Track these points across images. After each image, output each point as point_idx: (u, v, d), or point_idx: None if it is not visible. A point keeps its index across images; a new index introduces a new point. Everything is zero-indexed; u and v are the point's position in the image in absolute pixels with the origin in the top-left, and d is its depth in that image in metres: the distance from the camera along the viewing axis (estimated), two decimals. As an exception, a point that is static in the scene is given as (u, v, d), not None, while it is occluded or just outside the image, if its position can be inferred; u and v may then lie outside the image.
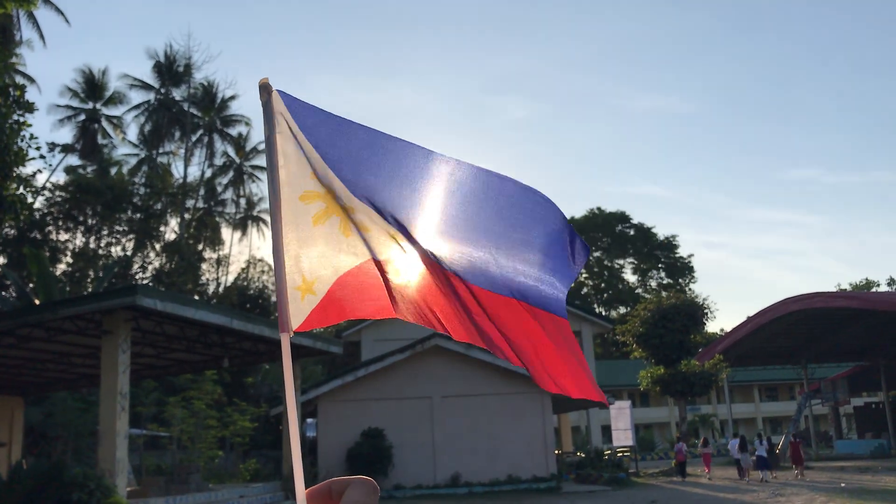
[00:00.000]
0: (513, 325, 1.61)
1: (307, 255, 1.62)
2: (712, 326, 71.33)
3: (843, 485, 23.69)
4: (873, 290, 70.71)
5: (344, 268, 1.64)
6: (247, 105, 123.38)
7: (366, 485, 0.91)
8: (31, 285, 31.43)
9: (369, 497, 0.90)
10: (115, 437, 16.05)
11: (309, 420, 33.26)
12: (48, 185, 44.29)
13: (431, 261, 1.60)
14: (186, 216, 52.72)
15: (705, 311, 35.42)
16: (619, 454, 34.92)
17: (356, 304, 1.65)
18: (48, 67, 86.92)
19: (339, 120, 1.65)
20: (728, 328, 58.22)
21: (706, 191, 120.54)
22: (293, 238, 1.62)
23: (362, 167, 1.61)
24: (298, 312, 1.61)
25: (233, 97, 58.26)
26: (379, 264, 1.64)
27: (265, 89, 1.65)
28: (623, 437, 34.85)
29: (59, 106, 50.31)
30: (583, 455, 35.52)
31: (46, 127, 69.65)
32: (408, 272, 1.65)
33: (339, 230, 1.65)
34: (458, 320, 1.63)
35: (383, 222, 1.62)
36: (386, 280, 1.64)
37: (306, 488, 1.06)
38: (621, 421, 34.88)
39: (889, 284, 75.02)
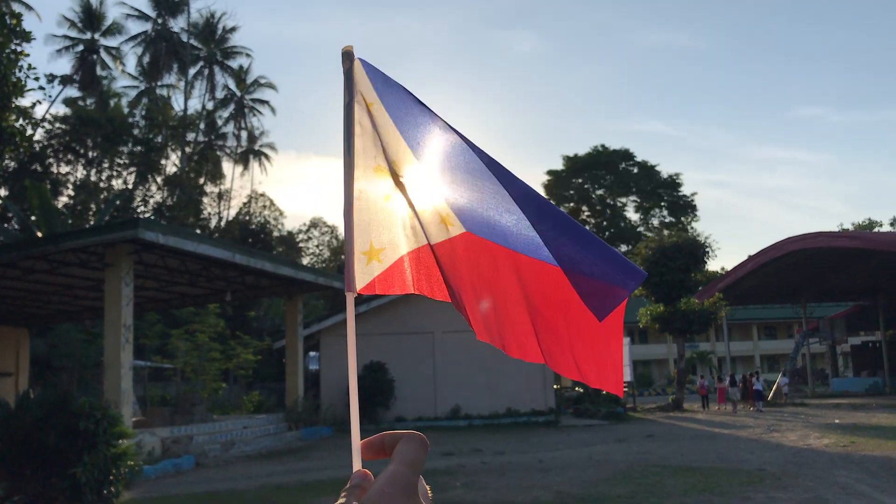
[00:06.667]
0: (549, 298, 1.57)
1: (377, 225, 1.65)
2: (713, 265, 71.52)
3: (836, 421, 24.06)
4: (875, 230, 70.71)
5: (408, 246, 1.67)
6: (247, 37, 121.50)
7: (417, 439, 0.94)
8: (32, 218, 31.42)
9: (420, 451, 0.92)
10: (120, 368, 16.27)
11: (311, 353, 33.65)
12: (48, 116, 43.91)
13: (478, 238, 1.61)
14: (187, 150, 52.37)
15: (706, 249, 35.40)
16: (616, 389, 35.31)
17: (423, 283, 1.67)
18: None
19: (413, 98, 1.66)
20: (729, 267, 58.40)
21: (712, 128, 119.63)
22: (365, 206, 1.65)
23: (426, 148, 1.64)
24: (362, 275, 1.64)
25: (233, 28, 57.29)
26: (433, 249, 1.65)
27: (348, 57, 1.67)
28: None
29: (56, 36, 49.52)
30: (581, 390, 36.02)
31: (44, 57, 68.82)
32: (454, 261, 1.64)
33: (406, 212, 1.67)
34: (488, 320, 1.62)
35: (440, 202, 1.63)
36: (441, 266, 1.65)
37: (310, 423, 1.07)
38: (620, 357, 35.15)
39: (892, 224, 75.04)
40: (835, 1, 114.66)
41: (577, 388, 37.53)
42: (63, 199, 43.35)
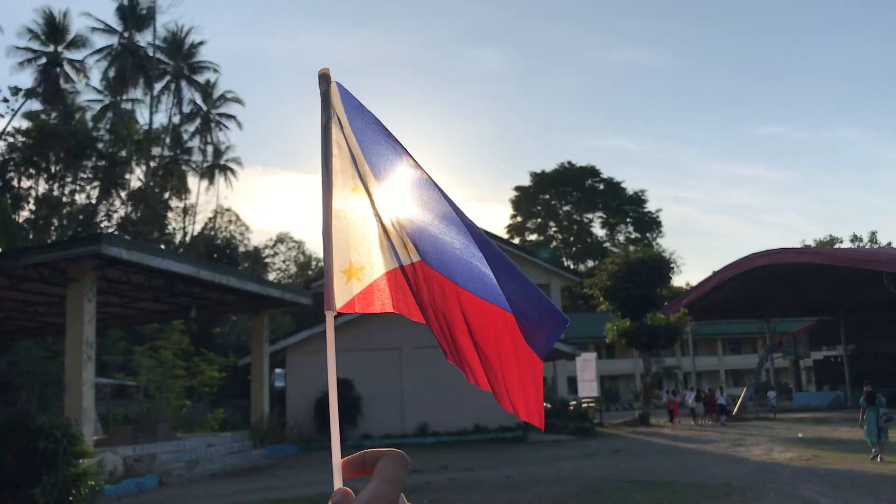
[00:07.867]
0: (490, 338, 1.61)
1: (356, 244, 1.65)
2: (678, 281, 72.35)
3: (800, 435, 24.35)
4: (837, 246, 71.98)
5: (386, 266, 1.66)
6: (214, 52, 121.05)
7: (399, 457, 0.96)
8: (-8, 233, 30.80)
9: (400, 469, 0.93)
10: (82, 386, 15.97)
11: (277, 370, 33.31)
12: (9, 129, 43.19)
13: (431, 269, 1.62)
14: (152, 164, 51.82)
15: (671, 265, 35.83)
16: (584, 405, 35.51)
17: (401, 303, 1.67)
18: (5, 6, 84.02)
19: (380, 127, 1.67)
20: (694, 282, 59.02)
21: (676, 145, 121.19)
22: (344, 224, 1.65)
23: (388, 177, 1.65)
24: (342, 293, 1.63)
25: (200, 43, 56.98)
26: (403, 270, 1.65)
27: (325, 79, 1.66)
28: (588, 388, 35.39)
29: (18, 48, 48.78)
30: (549, 406, 36.03)
31: (5, 70, 67.69)
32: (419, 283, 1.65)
33: (381, 232, 1.67)
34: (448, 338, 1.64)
35: (401, 228, 1.64)
36: (411, 287, 1.66)
37: (275, 440, 1.05)
38: (587, 372, 35.40)
39: (852, 241, 76.41)
40: (795, 22, 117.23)
41: (546, 404, 37.56)
42: (24, 214, 42.59)
